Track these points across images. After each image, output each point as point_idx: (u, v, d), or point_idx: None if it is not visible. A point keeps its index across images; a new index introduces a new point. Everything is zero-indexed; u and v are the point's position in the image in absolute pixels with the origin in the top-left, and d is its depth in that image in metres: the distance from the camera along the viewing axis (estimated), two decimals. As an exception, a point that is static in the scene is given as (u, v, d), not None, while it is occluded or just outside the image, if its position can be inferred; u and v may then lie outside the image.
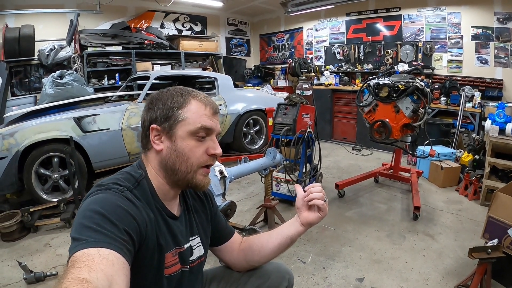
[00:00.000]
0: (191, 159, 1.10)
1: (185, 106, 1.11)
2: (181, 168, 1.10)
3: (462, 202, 4.14)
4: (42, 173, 3.90)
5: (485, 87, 5.84)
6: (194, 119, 1.10)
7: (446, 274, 2.67)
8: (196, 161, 1.11)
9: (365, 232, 3.41)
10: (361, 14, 7.67)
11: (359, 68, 7.66)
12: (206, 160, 1.13)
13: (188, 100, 1.12)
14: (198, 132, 1.10)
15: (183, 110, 1.10)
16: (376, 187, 4.72)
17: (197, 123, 1.09)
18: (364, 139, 6.33)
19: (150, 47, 7.45)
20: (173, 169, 1.11)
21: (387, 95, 3.74)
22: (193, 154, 1.10)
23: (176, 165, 1.10)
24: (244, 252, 1.43)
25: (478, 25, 5.92)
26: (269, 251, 1.39)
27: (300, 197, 1.32)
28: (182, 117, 1.09)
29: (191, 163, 1.10)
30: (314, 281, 2.62)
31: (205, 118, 1.11)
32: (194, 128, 1.09)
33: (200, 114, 1.11)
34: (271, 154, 3.28)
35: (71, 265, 0.76)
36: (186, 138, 1.09)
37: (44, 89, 4.75)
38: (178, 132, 1.09)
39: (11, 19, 6.17)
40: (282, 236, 1.36)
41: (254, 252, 1.40)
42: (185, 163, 1.10)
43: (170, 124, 1.10)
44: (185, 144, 1.09)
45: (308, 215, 1.31)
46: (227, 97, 5.89)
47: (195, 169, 1.11)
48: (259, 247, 1.40)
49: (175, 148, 1.10)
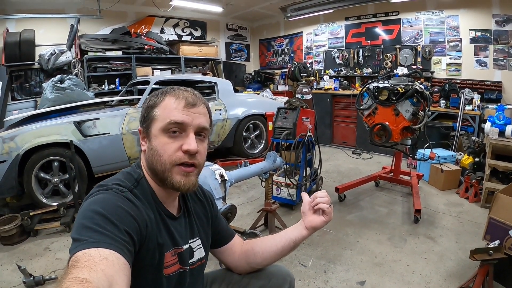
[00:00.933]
0: (163, 157, 1.07)
1: (158, 104, 1.10)
2: (157, 167, 1.08)
3: (463, 205, 4.13)
4: (42, 177, 3.90)
5: (484, 89, 5.86)
6: (164, 115, 1.08)
7: (448, 276, 2.66)
8: (169, 159, 1.07)
9: (366, 235, 3.40)
10: (360, 18, 7.70)
11: (359, 72, 7.68)
12: (180, 158, 1.07)
13: (163, 98, 1.11)
14: (168, 128, 1.07)
15: (156, 108, 1.10)
16: (376, 191, 4.71)
17: (166, 118, 1.07)
18: (364, 143, 6.32)
19: (150, 52, 7.47)
20: (152, 169, 1.10)
21: (387, 98, 3.75)
22: (165, 152, 1.07)
23: (154, 164, 1.09)
24: (246, 254, 1.43)
25: (477, 28, 5.95)
26: (272, 254, 1.39)
27: (306, 202, 1.34)
28: (154, 115, 1.09)
29: (163, 161, 1.07)
30: (315, 284, 2.61)
31: (175, 112, 1.08)
32: (163, 124, 1.07)
33: (170, 109, 1.08)
34: (271, 158, 3.28)
35: (71, 265, 0.76)
36: (158, 135, 1.08)
37: (44, 94, 4.76)
38: (152, 131, 1.09)
39: (12, 23, 6.19)
40: (285, 240, 1.37)
41: (256, 255, 1.40)
42: (159, 161, 1.07)
43: (147, 124, 1.11)
44: (158, 141, 1.08)
45: (313, 219, 1.32)
46: (227, 102, 5.90)
47: (169, 168, 1.07)
48: (262, 250, 1.39)
49: (151, 147, 1.09)
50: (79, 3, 6.67)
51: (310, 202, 1.33)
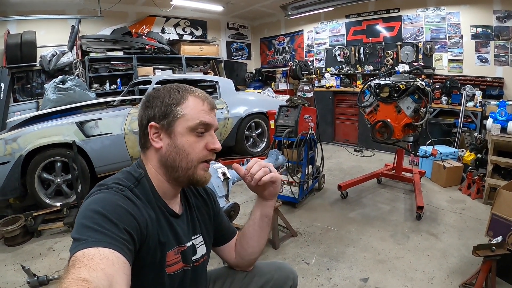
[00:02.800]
0: (191, 155, 1.10)
1: (183, 102, 1.11)
2: (181, 164, 1.10)
3: (465, 201, 4.12)
4: (45, 177, 3.91)
5: (486, 86, 5.84)
6: (193, 115, 1.10)
7: (451, 273, 2.65)
8: (196, 157, 1.11)
9: (368, 232, 3.40)
10: (361, 16, 7.68)
11: (360, 70, 7.67)
12: (205, 155, 1.13)
13: (186, 97, 1.12)
14: (197, 128, 1.10)
15: (181, 106, 1.10)
16: (379, 188, 4.71)
17: (196, 118, 1.10)
18: (366, 140, 6.32)
19: (151, 52, 7.49)
20: (173, 166, 1.11)
21: (388, 95, 3.74)
22: (193, 150, 1.11)
23: (177, 161, 1.10)
24: (237, 250, 1.44)
25: (478, 24, 5.93)
26: (255, 238, 1.38)
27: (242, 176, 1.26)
28: (180, 113, 1.10)
29: (191, 159, 1.10)
30: (318, 282, 2.61)
31: (203, 113, 1.12)
32: (193, 124, 1.10)
33: (198, 110, 1.11)
34: (274, 156, 3.29)
35: (71, 265, 0.76)
36: (185, 134, 1.10)
37: (46, 95, 4.77)
38: (177, 129, 1.10)
39: (13, 25, 6.21)
40: (258, 219, 1.36)
41: (244, 246, 1.40)
42: (185, 159, 1.10)
43: (169, 121, 1.10)
44: (185, 140, 1.10)
45: (268, 191, 1.29)
46: (229, 101, 5.90)
47: (196, 165, 1.12)
48: (246, 239, 1.39)
49: (175, 144, 1.10)
50: (79, 4, 6.67)
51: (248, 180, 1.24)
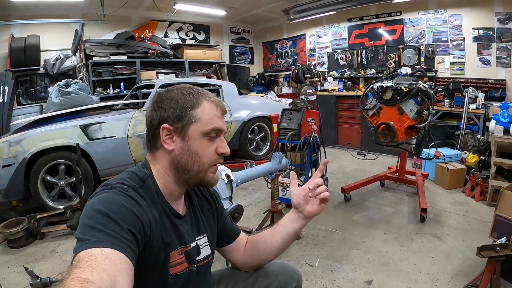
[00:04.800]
0: (203, 159, 1.12)
1: (198, 106, 1.11)
2: (193, 167, 1.12)
3: (469, 203, 4.11)
4: (49, 180, 3.92)
5: (489, 88, 5.84)
6: (207, 120, 1.11)
7: (455, 274, 2.64)
8: (208, 160, 1.13)
9: (372, 235, 3.39)
10: (363, 19, 7.70)
11: (362, 73, 7.67)
12: (216, 159, 1.16)
13: (201, 101, 1.12)
14: (210, 133, 1.12)
15: (196, 110, 1.11)
16: (382, 191, 4.70)
17: (210, 124, 1.11)
18: (369, 143, 6.31)
19: (155, 56, 7.52)
20: (184, 169, 1.12)
21: (391, 97, 3.75)
22: (205, 154, 1.12)
23: (189, 164, 1.11)
24: (250, 252, 1.43)
25: (479, 26, 5.93)
26: (275, 249, 1.40)
27: (298, 193, 1.34)
28: (195, 117, 1.10)
29: (203, 163, 1.12)
30: (322, 284, 2.60)
31: (216, 119, 1.13)
32: (207, 129, 1.11)
33: (212, 115, 1.12)
34: (277, 159, 3.28)
35: (74, 265, 0.76)
36: (199, 138, 1.11)
37: (50, 98, 4.80)
38: (191, 133, 1.10)
39: (17, 29, 6.27)
40: (286, 234, 1.37)
41: (260, 252, 1.41)
42: (198, 162, 1.12)
43: (183, 124, 1.10)
44: (198, 144, 1.11)
45: (313, 208, 1.33)
46: (232, 105, 5.91)
47: (206, 168, 1.14)
48: (265, 247, 1.40)
49: (188, 148, 1.10)
50: (83, 8, 6.72)
51: (305, 192, 1.33)
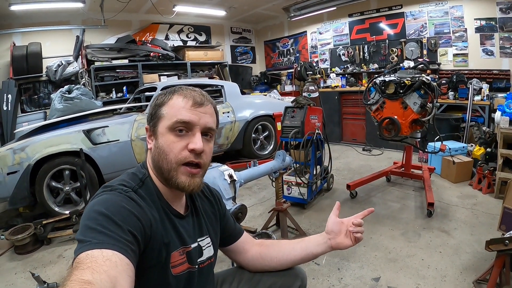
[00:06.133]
0: (169, 155, 1.07)
1: (166, 102, 1.11)
2: (163, 165, 1.08)
3: (476, 196, 4.06)
4: (54, 186, 3.94)
5: (493, 78, 5.78)
6: (171, 114, 1.08)
7: (464, 269, 2.61)
8: (174, 158, 1.07)
9: (379, 231, 3.36)
10: (364, 14, 7.67)
11: (365, 68, 7.65)
12: (185, 157, 1.07)
13: (170, 96, 1.12)
14: (175, 126, 1.07)
15: (164, 107, 1.11)
16: (388, 186, 4.66)
17: (174, 117, 1.08)
18: (374, 139, 6.26)
19: (156, 59, 7.54)
20: (158, 167, 1.10)
21: (394, 91, 3.71)
22: (171, 150, 1.07)
23: (159, 162, 1.09)
24: (261, 256, 1.42)
25: (481, 16, 5.87)
26: (290, 262, 1.40)
27: (336, 222, 1.35)
28: (161, 113, 1.10)
29: (169, 160, 1.07)
30: (329, 282, 2.58)
31: (183, 111, 1.08)
32: (170, 123, 1.07)
33: (178, 108, 1.09)
34: (280, 157, 3.26)
35: (74, 267, 0.76)
36: (165, 133, 1.08)
37: (53, 104, 4.83)
38: (159, 129, 1.10)
39: (18, 37, 6.31)
40: (307, 252, 1.38)
41: (272, 259, 1.40)
42: (165, 160, 1.08)
43: (154, 123, 1.11)
44: (164, 139, 1.08)
45: (343, 241, 1.34)
46: (235, 104, 5.91)
47: (175, 167, 1.07)
48: (279, 256, 1.40)
49: (158, 145, 1.09)
50: (83, 14, 6.76)
51: (342, 224, 1.34)
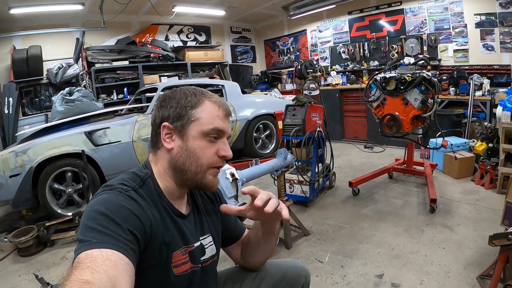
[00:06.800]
0: (202, 159, 1.09)
1: (199, 106, 1.10)
2: (191, 168, 1.09)
3: (479, 192, 4.05)
4: (56, 188, 3.95)
5: (494, 74, 5.75)
6: (207, 120, 1.09)
7: (468, 265, 2.60)
8: (206, 162, 1.10)
9: (382, 228, 3.35)
10: (363, 11, 7.64)
11: (366, 66, 7.61)
12: (216, 162, 1.12)
13: (202, 101, 1.12)
14: (210, 133, 1.09)
15: (197, 110, 1.10)
16: (390, 183, 4.66)
17: (210, 124, 1.09)
18: (376, 136, 6.25)
19: (156, 59, 7.55)
20: (182, 169, 1.10)
21: (395, 88, 3.71)
22: (204, 155, 1.09)
23: (186, 164, 1.09)
24: (243, 254, 1.44)
25: (481, 12, 5.83)
26: (261, 251, 1.38)
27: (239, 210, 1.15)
28: (195, 116, 1.09)
29: (201, 163, 1.09)
30: (333, 280, 2.58)
31: (218, 119, 1.11)
32: (207, 129, 1.09)
33: (213, 115, 1.11)
34: (282, 155, 3.25)
35: (74, 266, 0.76)
36: (198, 138, 1.09)
37: (54, 107, 4.84)
38: (190, 132, 1.09)
39: (18, 40, 6.33)
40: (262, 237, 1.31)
41: (250, 254, 1.41)
42: (196, 163, 1.09)
43: (182, 123, 1.09)
44: (197, 144, 1.09)
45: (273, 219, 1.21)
46: (236, 103, 5.90)
47: (205, 169, 1.11)
48: (250, 250, 1.40)
49: (187, 147, 1.09)
50: (83, 17, 6.78)
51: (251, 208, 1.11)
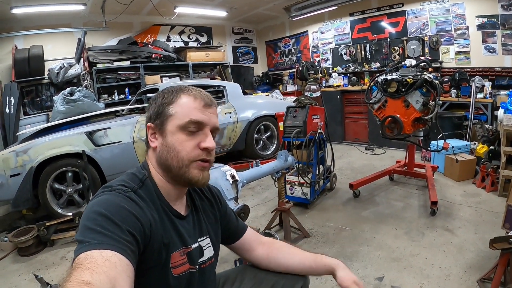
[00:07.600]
0: (181, 153, 1.09)
1: (174, 101, 1.11)
2: (173, 163, 1.09)
3: (480, 195, 4.04)
4: (57, 188, 3.95)
5: (495, 76, 5.74)
6: (183, 113, 1.09)
7: (468, 268, 2.59)
8: (187, 156, 1.09)
9: (382, 231, 3.34)
10: (365, 13, 7.64)
11: (367, 67, 7.62)
12: (198, 155, 1.10)
13: (178, 96, 1.12)
14: (187, 126, 1.09)
15: (173, 105, 1.11)
16: (391, 185, 4.64)
17: (186, 117, 1.09)
18: (377, 138, 6.25)
19: (158, 60, 7.56)
20: (166, 165, 1.11)
21: (396, 90, 3.71)
22: (183, 148, 1.09)
23: (169, 160, 1.09)
24: (268, 259, 1.44)
25: (483, 14, 5.82)
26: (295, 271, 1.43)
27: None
28: (171, 112, 1.10)
29: (181, 157, 1.09)
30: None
31: (195, 111, 1.10)
32: (182, 122, 1.09)
33: (190, 108, 1.10)
34: (283, 157, 3.25)
35: (74, 267, 0.76)
36: (175, 132, 1.09)
37: (55, 107, 4.83)
38: (168, 128, 1.10)
39: (20, 40, 6.34)
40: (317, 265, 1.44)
41: (279, 266, 1.42)
42: (176, 157, 1.09)
43: (161, 121, 1.11)
44: (175, 138, 1.09)
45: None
46: (237, 105, 5.90)
47: (187, 164, 1.09)
48: (287, 264, 1.43)
49: (166, 143, 1.10)
50: (85, 17, 6.77)
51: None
